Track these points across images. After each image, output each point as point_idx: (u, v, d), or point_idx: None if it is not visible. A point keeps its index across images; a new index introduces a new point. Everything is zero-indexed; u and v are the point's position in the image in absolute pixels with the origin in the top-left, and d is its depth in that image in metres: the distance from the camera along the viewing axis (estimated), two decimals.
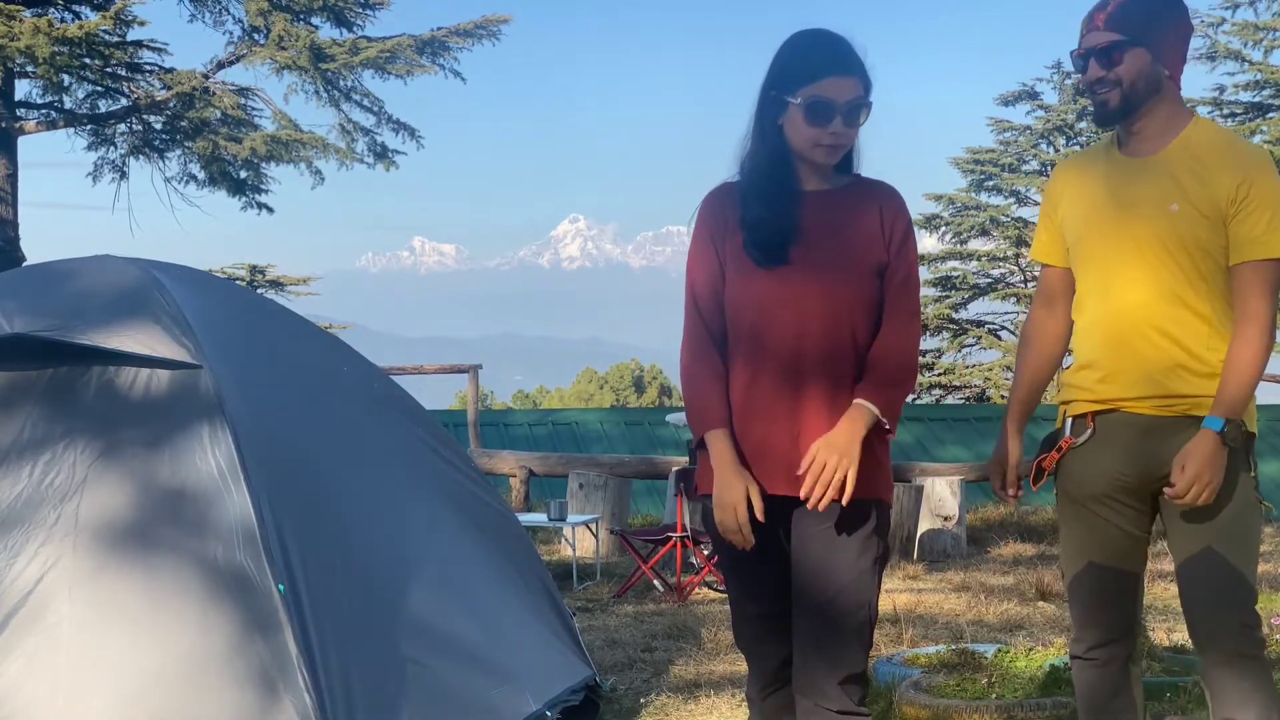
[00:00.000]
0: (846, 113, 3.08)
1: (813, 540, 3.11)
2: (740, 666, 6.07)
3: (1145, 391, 3.19)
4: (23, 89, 17.25)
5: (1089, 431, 3.30)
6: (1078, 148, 30.34)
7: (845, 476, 2.97)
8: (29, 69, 16.11)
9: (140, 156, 17.97)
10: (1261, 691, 3.17)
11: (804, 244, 3.11)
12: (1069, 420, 3.36)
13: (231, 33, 17.76)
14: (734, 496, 3.05)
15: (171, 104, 17.04)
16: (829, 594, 3.09)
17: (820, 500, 2.99)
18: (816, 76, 3.08)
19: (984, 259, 30.58)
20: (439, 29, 17.70)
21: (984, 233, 30.43)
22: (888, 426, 3.08)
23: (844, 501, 3.00)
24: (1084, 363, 3.31)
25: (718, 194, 3.21)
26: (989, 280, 30.69)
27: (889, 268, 3.16)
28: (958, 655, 5.88)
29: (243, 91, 17.56)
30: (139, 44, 16.92)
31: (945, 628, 6.87)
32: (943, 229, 30.02)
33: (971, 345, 30.15)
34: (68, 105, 17.46)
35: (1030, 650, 6.05)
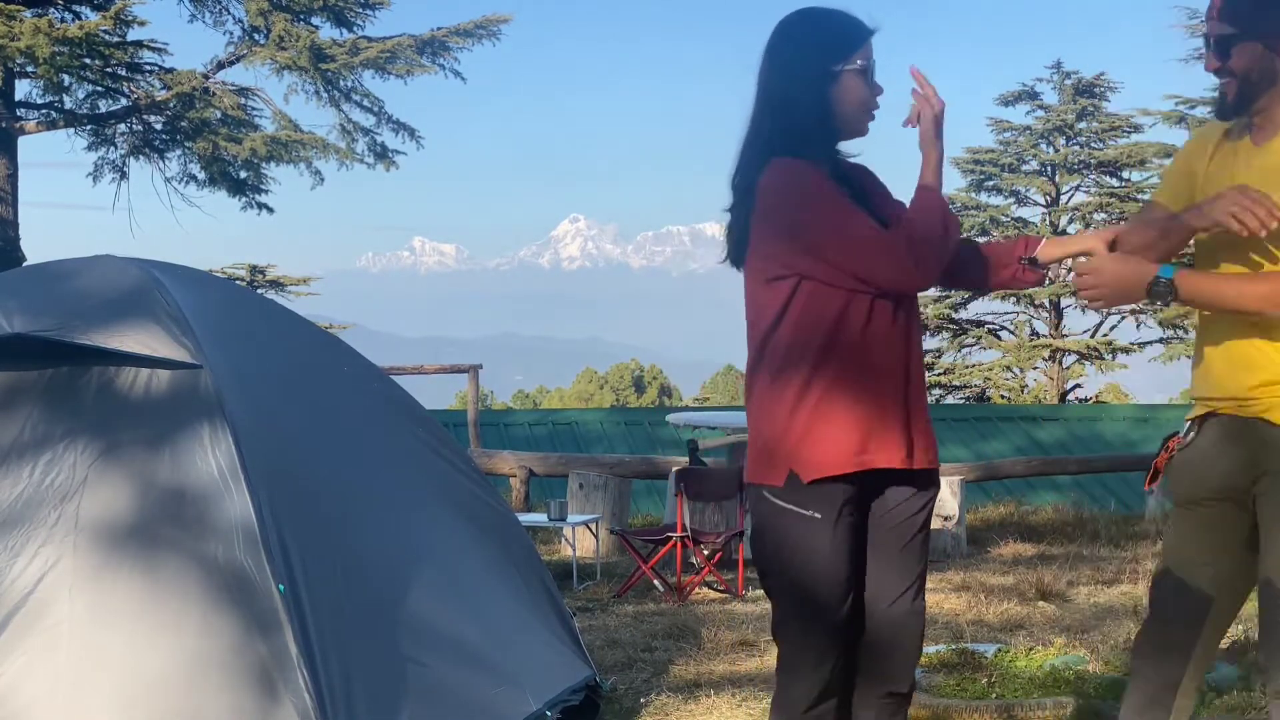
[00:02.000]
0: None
1: (898, 529, 3.20)
2: (740, 666, 6.06)
3: (1229, 392, 3.07)
4: (23, 89, 17.27)
5: (1194, 434, 3.20)
6: (1078, 148, 30.36)
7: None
8: (29, 69, 16.12)
9: (140, 156, 17.97)
10: None
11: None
12: (1187, 421, 3.26)
13: (231, 33, 17.78)
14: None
15: (171, 104, 17.05)
16: (913, 583, 3.26)
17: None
18: (863, 39, 3.14)
19: None
20: (439, 29, 17.70)
21: (984, 233, 30.40)
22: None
23: None
24: (1197, 360, 3.22)
25: (813, 167, 3.10)
26: None
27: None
28: (958, 655, 5.88)
29: (243, 91, 17.57)
30: (139, 44, 16.92)
31: (945, 628, 6.87)
32: None
33: (971, 345, 30.15)
34: (68, 105, 17.47)
35: (1030, 650, 6.06)
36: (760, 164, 3.12)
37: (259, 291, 19.69)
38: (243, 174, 17.97)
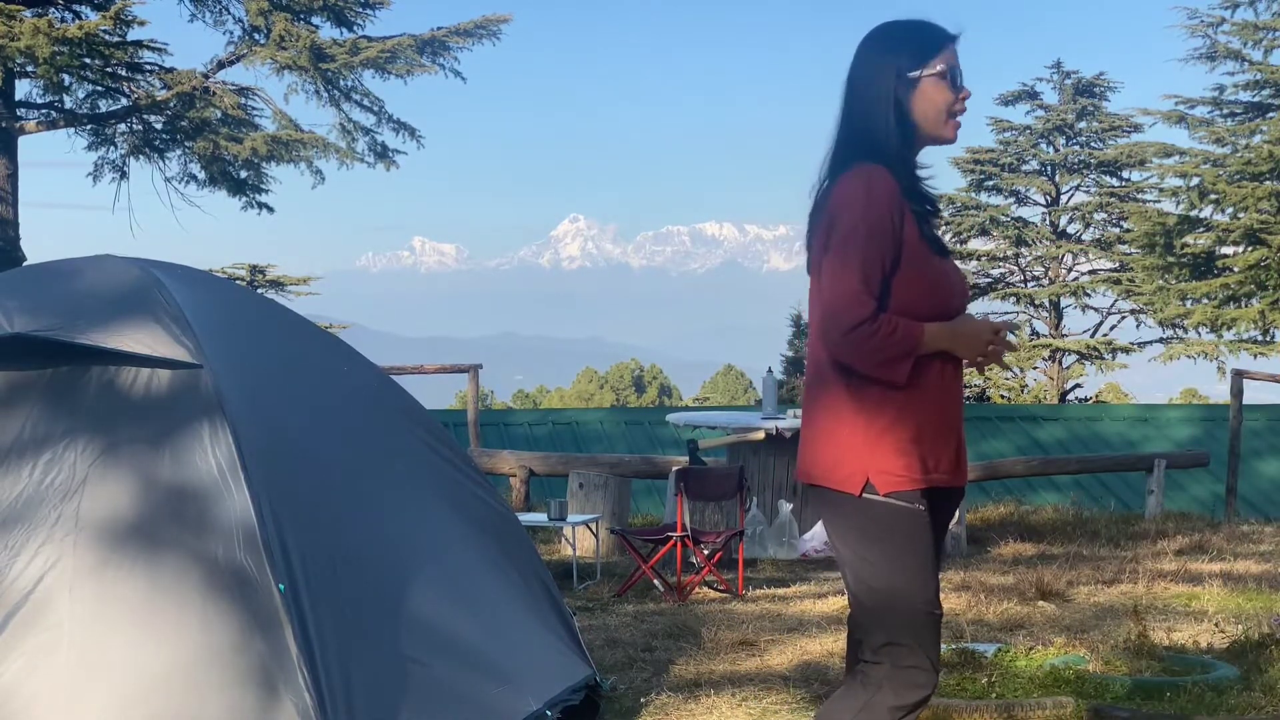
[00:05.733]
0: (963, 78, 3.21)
1: (943, 533, 3.31)
2: (740, 666, 6.07)
3: None
4: (23, 89, 17.28)
5: None
6: (1077, 147, 30.35)
7: None
8: (29, 69, 16.12)
9: (140, 156, 17.97)
10: None
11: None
12: None
13: (231, 33, 17.79)
14: (982, 329, 3.21)
15: (171, 104, 17.05)
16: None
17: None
18: (943, 45, 3.18)
19: (984, 259, 30.58)
20: (439, 29, 17.71)
21: (984, 232, 30.44)
22: None
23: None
24: None
25: (889, 177, 3.11)
26: (989, 280, 30.70)
27: None
28: (958, 655, 5.88)
29: (243, 91, 17.57)
30: (139, 44, 16.93)
31: (945, 627, 6.81)
32: (943, 229, 29.98)
33: None
34: (68, 105, 17.48)
35: (1030, 650, 6.06)
36: (836, 173, 3.16)
37: (259, 291, 19.69)
38: (243, 174, 17.97)
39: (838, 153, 3.20)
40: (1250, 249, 23.57)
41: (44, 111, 17.51)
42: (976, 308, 29.87)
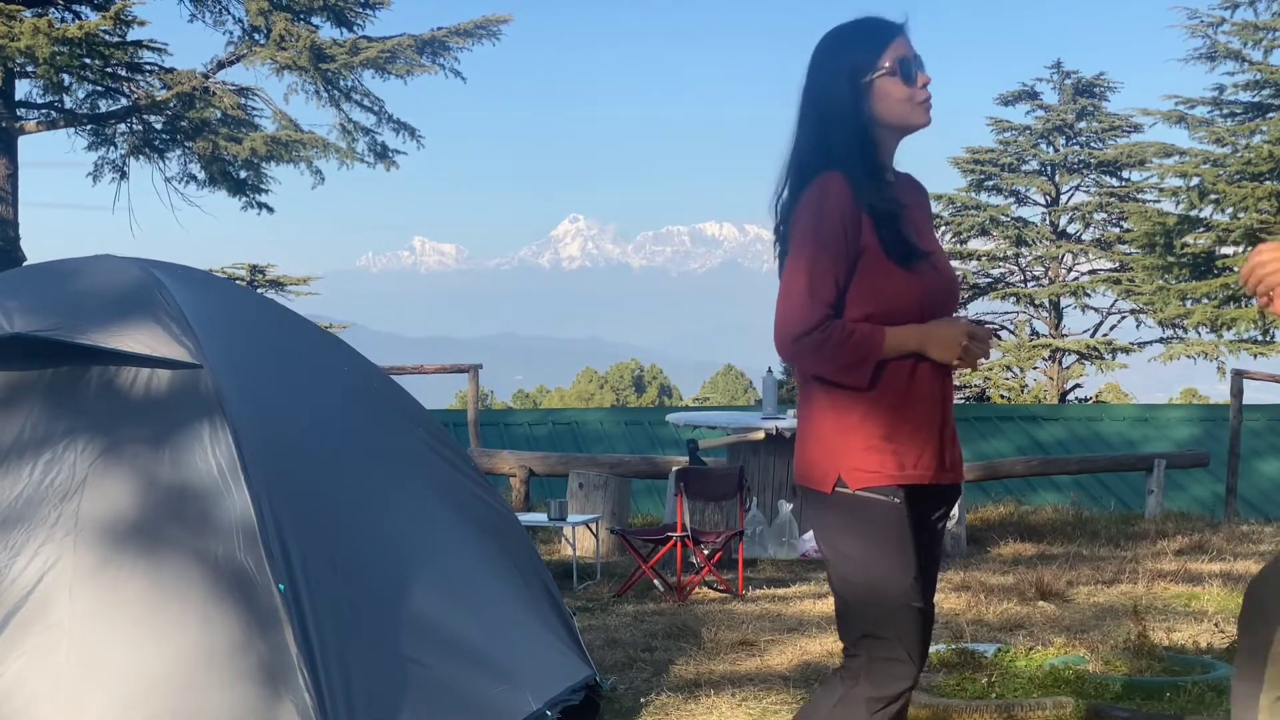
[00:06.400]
0: (921, 64, 3.16)
1: (935, 532, 3.27)
2: (740, 666, 6.07)
3: None
4: (23, 89, 17.27)
5: None
6: (1077, 147, 30.36)
7: None
8: (29, 69, 16.12)
9: (140, 156, 17.97)
10: None
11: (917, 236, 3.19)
12: None
13: (231, 33, 17.79)
14: (955, 331, 3.13)
15: (171, 104, 17.05)
16: (930, 586, 3.27)
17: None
18: (888, 41, 3.14)
19: (984, 259, 30.58)
20: (439, 29, 17.71)
21: (984, 232, 30.45)
22: None
23: None
24: None
25: (842, 184, 3.09)
26: (989, 280, 30.70)
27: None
28: (958, 655, 5.88)
29: (243, 91, 17.57)
30: (139, 44, 16.92)
31: (945, 627, 6.86)
32: (943, 229, 30.04)
33: None
34: (68, 105, 17.47)
35: (1030, 650, 6.06)
36: (800, 185, 3.14)
37: (259, 291, 19.69)
38: (243, 174, 17.97)
39: (796, 164, 3.18)
40: (1250, 249, 23.55)
41: (44, 111, 17.51)
42: (977, 307, 29.92)
